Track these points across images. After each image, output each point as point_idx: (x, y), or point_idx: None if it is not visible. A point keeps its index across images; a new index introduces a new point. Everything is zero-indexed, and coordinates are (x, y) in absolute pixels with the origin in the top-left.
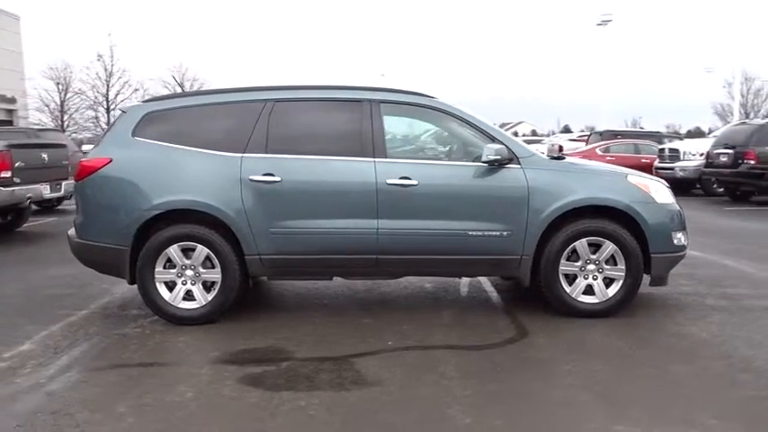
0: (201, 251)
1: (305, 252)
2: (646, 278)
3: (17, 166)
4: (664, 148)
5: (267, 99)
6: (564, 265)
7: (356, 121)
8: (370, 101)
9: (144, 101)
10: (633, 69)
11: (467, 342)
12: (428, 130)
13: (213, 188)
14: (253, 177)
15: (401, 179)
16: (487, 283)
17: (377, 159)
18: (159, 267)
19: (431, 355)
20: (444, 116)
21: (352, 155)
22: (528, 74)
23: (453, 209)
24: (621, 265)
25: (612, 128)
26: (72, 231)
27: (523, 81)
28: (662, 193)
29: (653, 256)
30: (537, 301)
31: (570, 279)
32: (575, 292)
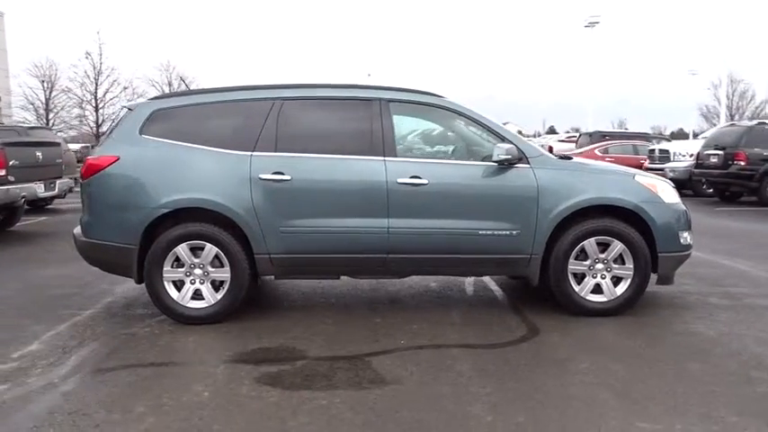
0: (210, 250)
1: (315, 251)
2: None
3: (11, 164)
4: (654, 149)
5: (276, 97)
6: (573, 264)
7: (366, 120)
8: (380, 100)
9: (151, 98)
10: (618, 71)
11: (479, 341)
12: (437, 129)
13: (223, 187)
14: (262, 176)
15: (412, 178)
16: (492, 282)
17: (387, 158)
18: (167, 266)
19: (445, 354)
20: (454, 115)
21: (361, 154)
22: (514, 75)
23: (463, 208)
24: (630, 264)
25: (601, 129)
26: (78, 230)
27: (509, 82)
28: (668, 192)
29: (660, 255)
30: (543, 299)
31: (578, 278)
32: (583, 290)
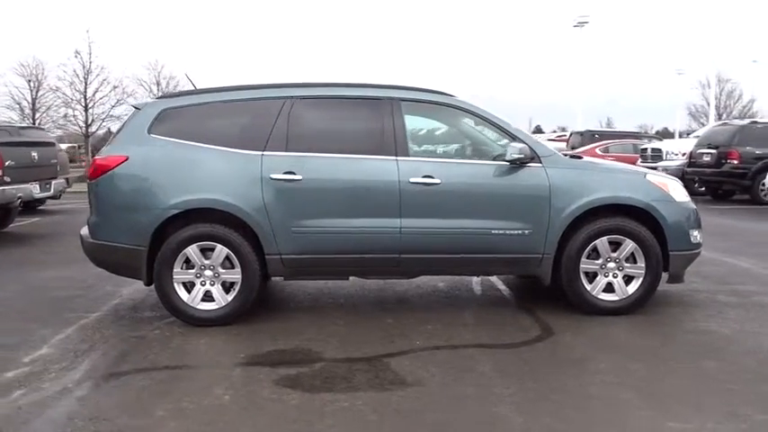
0: (221, 251)
1: (327, 251)
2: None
3: (7, 164)
4: (646, 148)
5: (287, 96)
6: (584, 264)
7: (378, 119)
8: (391, 99)
9: (159, 97)
10: (604, 70)
11: (495, 341)
12: (449, 128)
13: (234, 187)
14: (274, 176)
15: (424, 178)
16: (499, 282)
17: (399, 158)
18: (177, 268)
19: (462, 355)
20: (465, 114)
21: (373, 153)
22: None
23: (476, 207)
24: (641, 263)
25: (591, 128)
26: (85, 231)
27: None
28: (679, 191)
29: (671, 253)
30: (553, 298)
31: (590, 277)
32: (595, 289)
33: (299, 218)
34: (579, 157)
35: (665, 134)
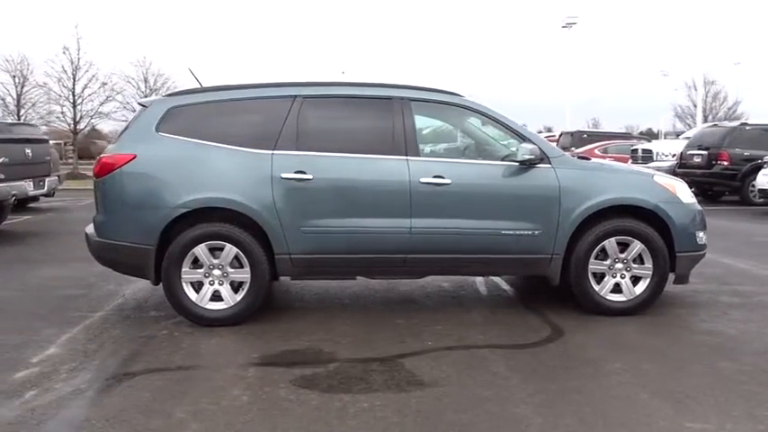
0: (230, 250)
1: (337, 251)
2: None
3: (1, 161)
4: (637, 149)
5: (296, 95)
6: (593, 264)
7: (388, 119)
8: (401, 98)
9: (166, 95)
10: (590, 71)
11: (506, 341)
12: (458, 128)
13: (244, 186)
14: (284, 175)
15: (435, 178)
16: (503, 282)
17: (409, 158)
18: (186, 267)
19: (476, 355)
20: (474, 115)
21: (383, 153)
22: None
23: (486, 208)
24: (649, 264)
25: (579, 128)
26: (90, 229)
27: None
28: (685, 193)
29: (678, 254)
30: (557, 298)
31: (598, 278)
32: (603, 290)
33: (309, 217)
34: (587, 158)
35: (648, 135)
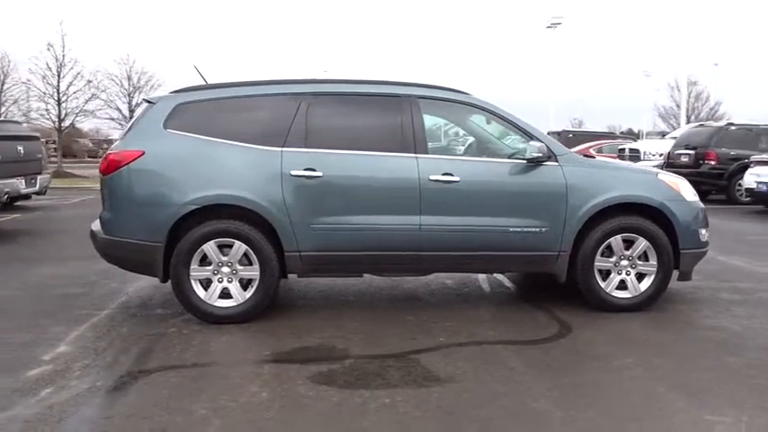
0: (239, 248)
1: (346, 248)
2: None
3: None
4: (624, 148)
5: (305, 92)
6: (599, 261)
7: (396, 116)
8: (409, 96)
9: (173, 91)
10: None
11: (516, 337)
12: (466, 126)
13: (254, 183)
14: (294, 172)
15: (444, 175)
16: (505, 279)
17: (419, 155)
18: (194, 264)
19: (489, 351)
20: (482, 113)
21: (392, 150)
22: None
23: (494, 205)
24: (653, 261)
25: (567, 128)
26: (97, 227)
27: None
28: (688, 191)
29: (682, 252)
30: (560, 294)
31: (604, 274)
32: (609, 287)
33: (318, 214)
34: (592, 157)
35: (629, 135)
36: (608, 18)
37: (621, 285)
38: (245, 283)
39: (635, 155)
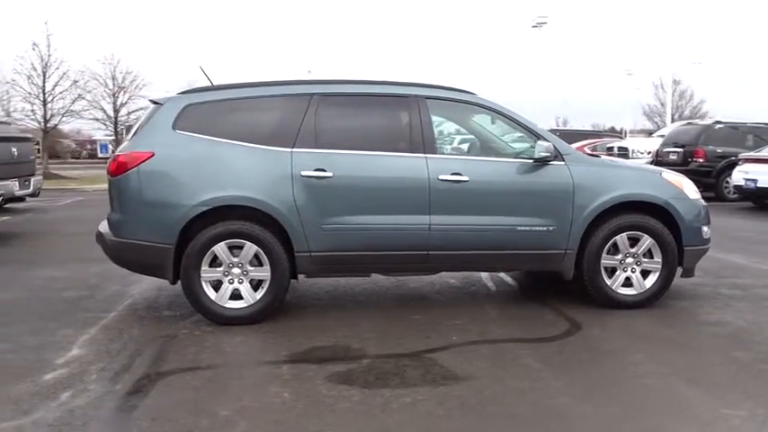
0: (250, 248)
1: (357, 248)
2: None
3: None
4: (612, 147)
5: (313, 93)
6: (605, 259)
7: (405, 117)
8: (417, 97)
9: (181, 92)
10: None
11: (528, 335)
12: (473, 126)
13: (264, 184)
14: (304, 173)
15: (453, 175)
16: (508, 277)
17: (428, 155)
18: (205, 266)
19: (502, 349)
20: (489, 113)
21: (402, 151)
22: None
23: (503, 204)
24: (658, 258)
25: (553, 127)
26: (105, 229)
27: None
28: (691, 189)
29: (686, 249)
30: (563, 291)
31: (609, 272)
32: (614, 284)
33: (329, 215)
34: (597, 156)
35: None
36: (587, 18)
37: (627, 282)
38: (255, 284)
39: (623, 153)
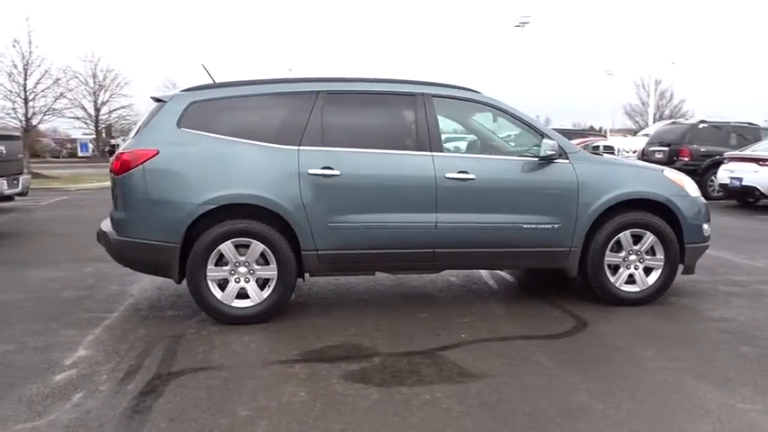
0: (256, 247)
1: (363, 247)
2: None
3: None
4: (598, 146)
5: (320, 91)
6: (609, 256)
7: (410, 114)
8: (423, 95)
9: (184, 89)
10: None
11: (537, 332)
12: (478, 124)
13: (271, 182)
14: (311, 171)
15: (459, 173)
16: (508, 275)
17: (434, 153)
18: (211, 265)
19: (513, 346)
20: (494, 111)
21: (408, 149)
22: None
23: (509, 202)
24: (660, 255)
25: None
26: (108, 228)
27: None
28: (692, 187)
29: (687, 246)
30: (564, 288)
31: (613, 269)
32: (618, 281)
33: (336, 213)
34: (600, 155)
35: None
36: (568, 18)
37: (630, 279)
38: (261, 283)
39: (609, 152)
